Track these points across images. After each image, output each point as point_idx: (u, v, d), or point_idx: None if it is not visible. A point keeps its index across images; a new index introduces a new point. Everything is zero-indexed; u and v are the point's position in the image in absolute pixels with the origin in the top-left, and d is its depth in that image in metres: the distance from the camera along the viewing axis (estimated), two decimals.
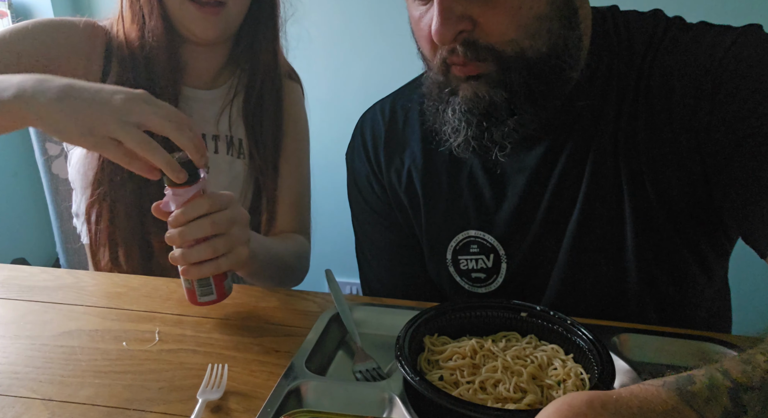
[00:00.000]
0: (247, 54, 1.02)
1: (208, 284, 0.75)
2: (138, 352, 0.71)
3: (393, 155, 0.87)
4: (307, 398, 0.61)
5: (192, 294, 0.76)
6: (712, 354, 0.68)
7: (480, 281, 0.82)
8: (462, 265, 0.82)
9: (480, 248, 0.81)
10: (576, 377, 0.59)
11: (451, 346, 0.64)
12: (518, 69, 0.66)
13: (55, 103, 0.67)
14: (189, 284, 0.75)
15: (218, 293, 0.76)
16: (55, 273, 0.91)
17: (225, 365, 0.66)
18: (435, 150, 0.82)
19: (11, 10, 1.98)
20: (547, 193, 0.77)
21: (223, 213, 0.73)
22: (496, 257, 0.80)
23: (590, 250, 0.77)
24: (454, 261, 0.83)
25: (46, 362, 0.69)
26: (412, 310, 0.72)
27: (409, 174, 0.85)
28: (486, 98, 0.68)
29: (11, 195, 2.13)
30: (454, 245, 0.83)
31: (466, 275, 0.83)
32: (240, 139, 1.02)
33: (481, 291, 0.83)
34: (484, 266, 0.81)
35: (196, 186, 0.72)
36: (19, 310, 0.80)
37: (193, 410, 0.59)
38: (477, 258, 0.81)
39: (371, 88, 1.98)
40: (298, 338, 0.73)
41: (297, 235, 1.07)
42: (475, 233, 0.81)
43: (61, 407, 0.61)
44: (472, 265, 0.81)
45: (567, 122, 0.75)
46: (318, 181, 1.28)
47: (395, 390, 0.59)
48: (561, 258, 0.78)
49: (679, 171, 0.71)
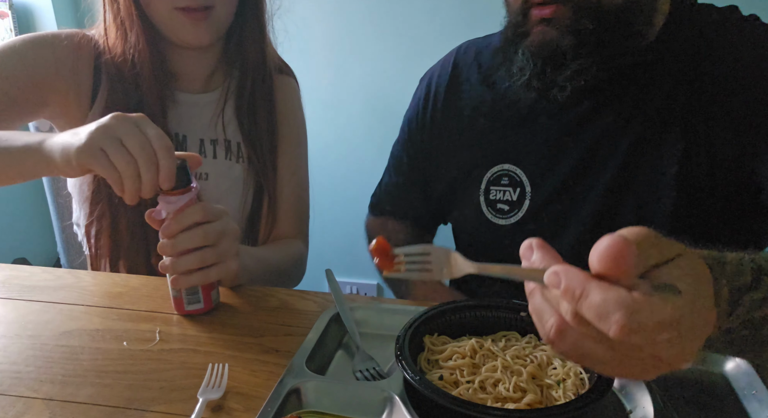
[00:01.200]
0: (237, 53, 1.01)
1: (196, 293, 0.77)
2: (139, 352, 0.71)
3: (452, 90, 0.95)
4: (307, 398, 0.61)
5: (179, 303, 0.77)
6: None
7: (503, 212, 0.89)
8: (491, 195, 0.90)
9: (510, 181, 0.88)
10: (575, 376, 0.59)
11: (451, 346, 0.64)
12: (591, 16, 0.72)
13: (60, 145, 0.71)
14: (177, 292, 0.77)
15: (205, 302, 0.78)
16: (56, 273, 0.91)
17: (225, 365, 0.66)
18: (490, 89, 0.90)
19: (12, 10, 1.99)
20: (584, 144, 0.82)
21: (213, 225, 0.75)
22: (521, 191, 0.87)
23: (616, 212, 0.81)
24: (486, 190, 0.90)
25: (47, 361, 0.69)
26: (412, 310, 0.72)
27: (462, 108, 0.93)
28: (554, 43, 0.74)
29: (12, 195, 2.13)
30: (489, 176, 0.90)
31: (492, 205, 0.90)
32: (238, 142, 1.01)
33: (500, 223, 0.89)
34: (510, 198, 0.88)
35: (189, 194, 0.73)
36: (20, 310, 0.80)
37: (194, 409, 0.59)
38: (505, 190, 0.88)
39: (371, 88, 1.99)
40: (298, 337, 0.73)
41: (295, 241, 1.06)
42: (509, 166, 0.88)
43: (62, 406, 0.61)
44: (500, 196, 0.89)
45: (622, 82, 0.79)
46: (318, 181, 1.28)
47: (395, 390, 0.59)
48: (584, 210, 0.82)
49: (734, 153, 0.75)
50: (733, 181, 0.76)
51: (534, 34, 0.76)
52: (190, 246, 0.74)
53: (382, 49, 1.93)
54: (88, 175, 0.94)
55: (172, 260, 0.74)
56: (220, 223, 0.76)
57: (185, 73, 0.99)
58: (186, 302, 0.77)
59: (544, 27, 0.74)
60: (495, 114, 0.90)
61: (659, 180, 0.79)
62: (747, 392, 0.63)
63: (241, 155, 1.02)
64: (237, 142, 1.02)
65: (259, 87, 1.01)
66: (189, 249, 0.74)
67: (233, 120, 1.01)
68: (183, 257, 0.74)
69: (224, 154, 1.01)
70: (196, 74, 1.00)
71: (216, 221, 0.75)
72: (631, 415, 0.59)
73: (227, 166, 1.01)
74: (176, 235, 0.73)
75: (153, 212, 0.74)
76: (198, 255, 0.74)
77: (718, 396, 0.63)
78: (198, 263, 0.74)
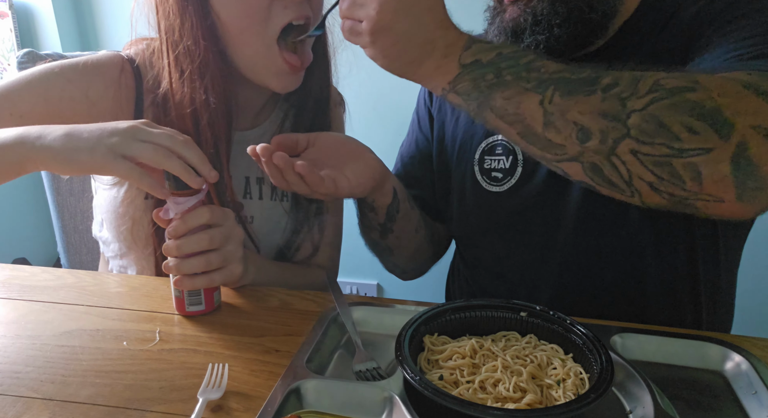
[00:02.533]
0: (301, 88, 0.90)
1: (198, 295, 0.77)
2: (139, 351, 0.71)
3: None
4: (307, 398, 0.61)
5: (181, 303, 0.78)
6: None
7: (497, 180, 0.92)
8: (486, 164, 0.93)
9: (503, 150, 0.92)
10: (575, 376, 0.59)
11: (451, 345, 0.64)
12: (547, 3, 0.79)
13: (62, 137, 0.69)
14: (179, 293, 0.77)
15: (207, 303, 0.78)
16: (56, 273, 0.91)
17: (225, 365, 0.66)
18: None
19: (12, 10, 1.99)
20: None
21: (219, 229, 0.75)
22: (513, 159, 0.90)
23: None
24: (480, 160, 0.94)
25: (46, 361, 0.69)
26: (412, 310, 0.72)
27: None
28: (517, 20, 0.81)
29: (12, 195, 2.13)
30: (484, 146, 0.94)
31: (487, 174, 0.93)
32: None
33: (494, 190, 0.92)
34: (503, 166, 0.91)
35: (198, 196, 0.74)
36: (20, 310, 0.80)
37: (194, 409, 0.59)
38: (499, 159, 0.92)
39: (371, 87, 1.99)
40: (298, 337, 0.73)
41: (320, 271, 1.00)
42: (502, 137, 0.88)
43: (62, 406, 0.61)
44: (494, 165, 0.92)
45: (601, 57, 0.83)
46: None
47: (395, 390, 0.59)
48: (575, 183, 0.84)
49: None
50: None
51: (509, 12, 0.83)
52: (195, 249, 0.74)
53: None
54: (125, 213, 0.89)
55: (177, 262, 0.75)
56: (225, 227, 0.76)
57: (238, 110, 0.91)
58: (188, 303, 0.77)
59: (512, 7, 0.82)
60: None
61: None
62: (747, 392, 0.63)
63: (285, 194, 0.96)
64: None
65: (318, 124, 0.95)
66: (195, 252, 0.75)
67: None
68: (188, 260, 0.74)
69: (270, 193, 0.95)
70: (246, 112, 0.94)
71: (222, 226, 0.76)
72: (631, 415, 0.60)
73: (270, 208, 0.95)
74: (182, 237, 0.74)
75: (161, 211, 0.74)
76: (203, 258, 0.75)
77: (718, 396, 0.64)
78: (203, 266, 0.75)
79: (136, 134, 0.69)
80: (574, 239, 0.87)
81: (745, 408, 0.61)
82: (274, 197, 0.96)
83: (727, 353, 0.67)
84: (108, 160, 0.68)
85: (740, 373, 0.65)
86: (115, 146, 0.68)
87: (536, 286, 0.91)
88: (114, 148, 0.68)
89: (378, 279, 2.23)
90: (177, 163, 0.69)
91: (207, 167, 0.71)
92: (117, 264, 0.98)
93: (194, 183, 0.71)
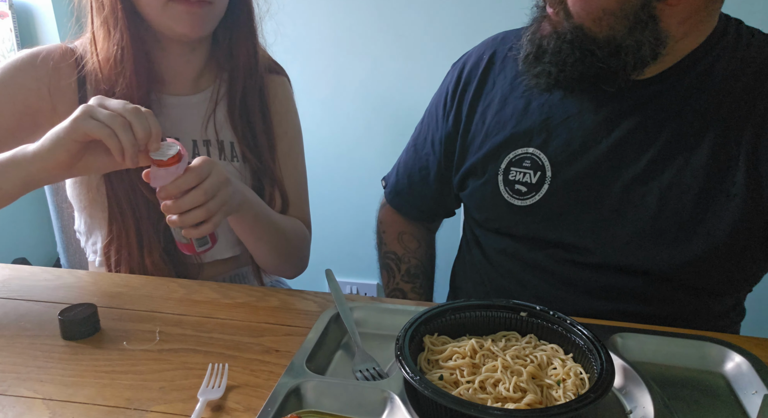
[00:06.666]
0: (226, 54, 1.00)
1: (204, 237, 0.80)
2: (139, 351, 0.71)
3: (485, 76, 0.99)
4: (307, 398, 0.61)
5: (190, 247, 0.80)
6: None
7: (520, 193, 0.92)
8: (511, 175, 0.93)
9: (531, 164, 0.91)
10: (575, 376, 0.59)
11: (451, 345, 0.64)
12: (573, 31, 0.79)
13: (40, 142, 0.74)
14: (186, 239, 0.79)
15: (213, 240, 0.81)
16: (56, 273, 0.91)
17: (225, 365, 0.66)
18: (523, 81, 0.93)
19: (12, 10, 1.99)
20: (617, 135, 0.85)
21: (209, 181, 0.77)
22: (542, 175, 0.90)
23: (637, 203, 0.83)
24: (505, 170, 0.93)
25: (47, 361, 0.69)
26: (412, 310, 0.72)
27: (494, 94, 0.97)
28: (546, 41, 0.82)
29: None
30: (511, 156, 0.93)
31: (510, 185, 0.93)
32: (231, 142, 1.02)
33: (516, 203, 0.92)
34: (529, 180, 0.91)
35: (182, 164, 0.75)
36: (20, 310, 0.80)
37: (194, 409, 0.59)
38: (526, 172, 0.91)
39: (371, 87, 1.99)
40: (298, 337, 0.73)
41: (298, 220, 1.07)
42: (533, 150, 0.90)
43: (62, 406, 0.61)
44: (520, 177, 0.92)
45: (649, 91, 0.84)
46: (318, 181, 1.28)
47: (395, 390, 0.59)
48: (605, 199, 0.85)
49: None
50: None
51: (543, 21, 0.84)
52: (194, 205, 0.76)
53: (381, 49, 1.92)
54: (85, 184, 0.95)
55: (180, 216, 0.76)
56: (214, 176, 0.78)
57: (172, 75, 0.98)
58: (197, 245, 0.80)
59: (547, 21, 0.82)
60: (527, 100, 0.93)
61: (687, 180, 0.80)
62: (747, 393, 0.63)
63: (235, 155, 1.02)
64: (230, 142, 1.02)
65: (250, 87, 1.01)
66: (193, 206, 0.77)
67: (226, 121, 1.01)
68: (190, 213, 0.76)
69: (218, 154, 1.01)
70: (183, 76, 0.99)
71: (210, 177, 0.77)
72: (631, 415, 0.60)
73: (223, 167, 1.01)
74: (179, 197, 0.76)
75: (151, 181, 0.76)
76: (203, 209, 0.77)
77: (718, 396, 0.64)
78: (204, 216, 0.77)
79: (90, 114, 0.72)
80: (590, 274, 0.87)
81: (745, 408, 0.61)
82: (222, 158, 1.02)
83: (727, 353, 0.67)
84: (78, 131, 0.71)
85: (740, 373, 0.65)
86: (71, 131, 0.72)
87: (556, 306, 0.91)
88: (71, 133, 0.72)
89: (378, 279, 2.23)
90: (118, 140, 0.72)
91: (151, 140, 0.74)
92: (91, 250, 1.01)
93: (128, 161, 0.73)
